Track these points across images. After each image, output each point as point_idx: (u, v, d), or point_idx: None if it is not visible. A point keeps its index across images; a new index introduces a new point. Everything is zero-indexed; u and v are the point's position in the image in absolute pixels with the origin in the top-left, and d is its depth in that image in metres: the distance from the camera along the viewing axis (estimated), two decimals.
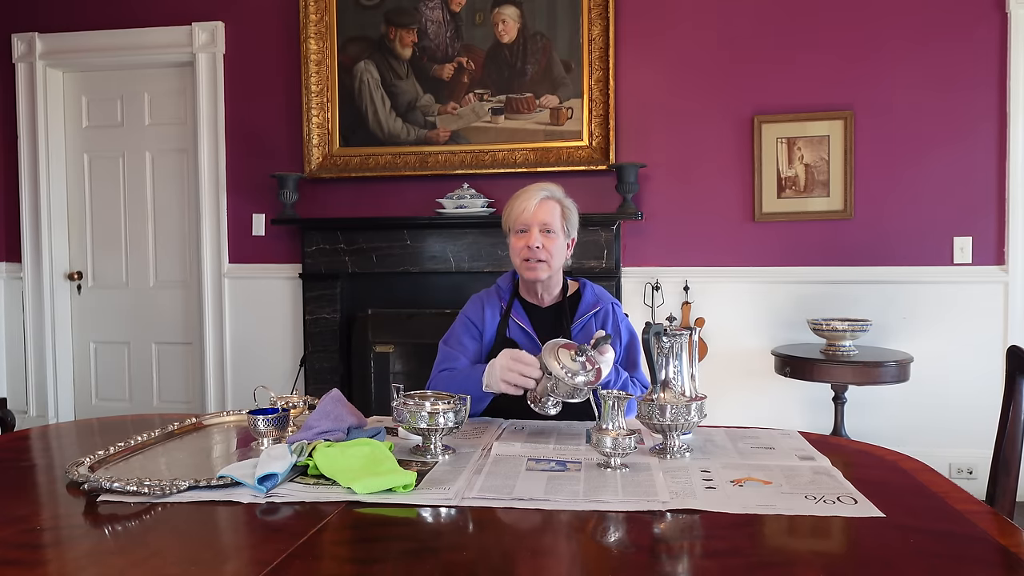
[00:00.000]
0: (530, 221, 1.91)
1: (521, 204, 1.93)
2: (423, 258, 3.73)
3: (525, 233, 1.91)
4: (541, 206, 1.92)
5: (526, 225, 1.91)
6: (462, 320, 2.00)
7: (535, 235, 1.90)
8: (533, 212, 1.91)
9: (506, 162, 3.69)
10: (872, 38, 3.45)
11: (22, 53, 4.12)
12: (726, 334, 3.59)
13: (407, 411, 1.48)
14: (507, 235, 1.99)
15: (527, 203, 1.92)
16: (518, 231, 1.93)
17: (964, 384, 3.40)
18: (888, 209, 3.46)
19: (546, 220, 1.91)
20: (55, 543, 1.11)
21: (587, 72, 3.61)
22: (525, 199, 1.93)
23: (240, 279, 4.01)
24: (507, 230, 1.99)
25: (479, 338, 1.97)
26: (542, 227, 1.91)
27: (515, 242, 1.94)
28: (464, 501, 1.23)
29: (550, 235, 1.91)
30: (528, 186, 1.98)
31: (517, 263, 1.95)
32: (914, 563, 1.01)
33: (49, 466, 1.54)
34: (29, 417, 4.19)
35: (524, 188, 1.98)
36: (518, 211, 1.93)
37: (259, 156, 3.95)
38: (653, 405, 1.48)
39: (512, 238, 1.95)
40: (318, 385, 3.78)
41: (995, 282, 3.38)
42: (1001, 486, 1.59)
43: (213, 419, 1.81)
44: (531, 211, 1.91)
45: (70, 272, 4.27)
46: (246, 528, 1.16)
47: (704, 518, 1.16)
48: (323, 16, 3.81)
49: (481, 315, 1.98)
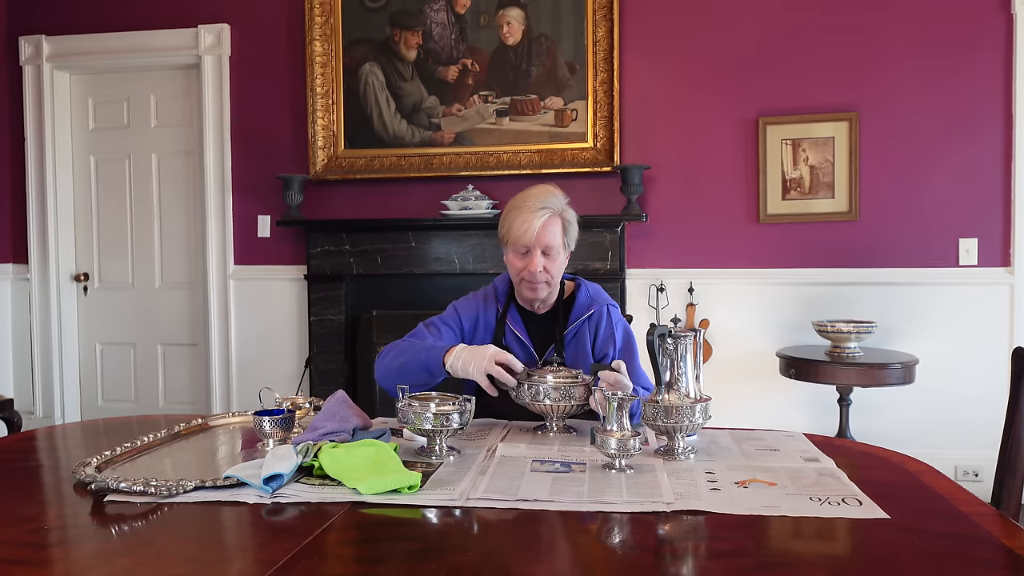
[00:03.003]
0: (532, 243, 1.80)
1: (523, 223, 1.80)
2: (428, 260, 3.73)
3: (527, 256, 1.82)
4: (544, 227, 1.80)
5: (527, 247, 1.81)
6: (452, 314, 1.95)
7: (537, 260, 1.81)
8: (536, 235, 1.79)
9: (511, 164, 3.70)
10: (877, 39, 3.44)
11: (29, 55, 4.14)
12: (731, 336, 3.59)
13: (412, 412, 1.49)
14: (503, 245, 1.89)
15: (529, 223, 1.79)
16: (518, 251, 1.83)
17: (969, 386, 3.39)
18: (893, 211, 3.46)
19: (549, 243, 1.81)
20: (62, 543, 1.11)
21: (592, 74, 3.61)
22: (527, 217, 1.80)
23: (245, 281, 4.02)
24: (504, 241, 1.87)
25: (459, 338, 1.91)
26: (544, 249, 1.81)
27: (514, 261, 1.85)
28: (469, 502, 1.23)
29: (551, 256, 1.83)
30: (528, 195, 1.85)
31: (516, 281, 1.88)
32: (919, 565, 1.01)
33: (56, 466, 1.54)
34: (36, 418, 4.21)
35: (524, 197, 1.85)
36: (519, 230, 1.80)
37: (264, 158, 3.96)
38: (658, 407, 1.48)
39: (511, 255, 1.86)
40: (323, 386, 3.79)
41: (1001, 284, 3.37)
42: (1007, 488, 1.59)
43: (219, 420, 1.81)
44: (534, 233, 1.79)
45: (76, 273, 4.29)
46: (252, 528, 1.17)
47: (709, 519, 1.16)
48: (328, 18, 3.82)
49: (474, 319, 1.94)
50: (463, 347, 1.71)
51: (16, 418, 3.03)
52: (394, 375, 1.76)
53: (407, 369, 1.76)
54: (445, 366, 1.70)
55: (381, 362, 1.85)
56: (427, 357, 1.73)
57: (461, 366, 1.68)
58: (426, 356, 1.74)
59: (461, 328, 1.94)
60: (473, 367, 1.66)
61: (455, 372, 1.70)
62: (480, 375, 1.65)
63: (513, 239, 1.83)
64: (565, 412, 1.69)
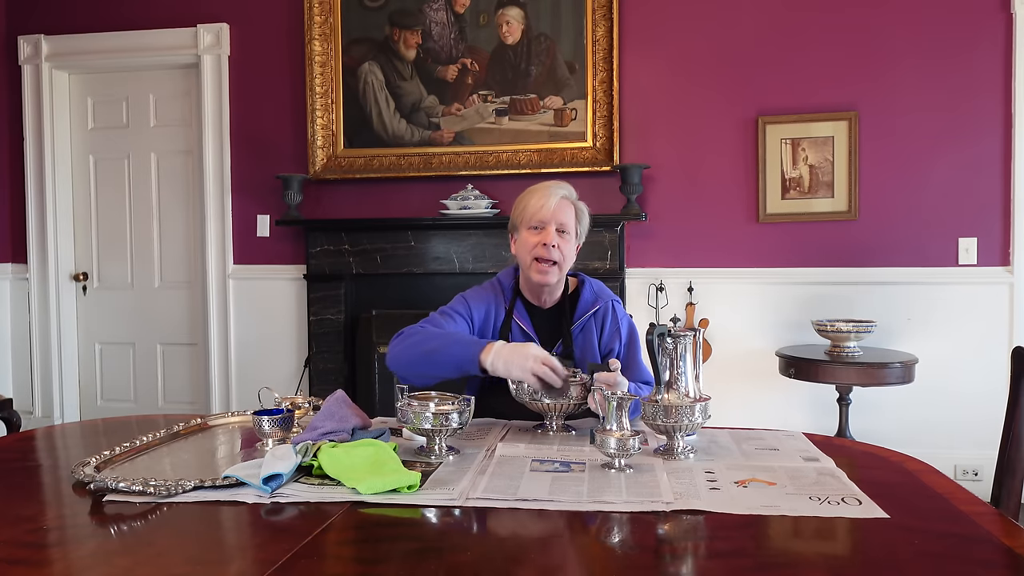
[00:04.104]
0: (548, 218, 1.83)
1: (539, 200, 1.85)
2: (427, 259, 3.73)
3: (541, 231, 1.84)
4: (560, 205, 1.85)
5: (543, 222, 1.84)
6: (463, 305, 1.93)
7: (551, 233, 1.83)
8: (552, 210, 1.84)
9: (510, 163, 3.70)
10: (877, 38, 3.44)
11: (28, 55, 4.14)
12: (730, 335, 3.59)
13: (411, 412, 1.49)
14: (514, 231, 1.91)
15: (546, 200, 1.84)
16: (532, 227, 1.85)
17: (969, 386, 3.39)
18: (893, 210, 3.46)
19: (563, 220, 1.85)
20: (61, 543, 1.11)
21: (591, 73, 3.61)
22: (544, 195, 1.86)
23: (245, 280, 4.02)
24: (516, 224, 1.90)
25: (470, 331, 1.91)
26: (559, 226, 1.84)
27: (528, 237, 1.86)
28: (468, 502, 1.23)
29: (565, 236, 1.85)
30: (544, 182, 1.91)
31: (527, 261, 1.87)
32: (919, 564, 1.01)
33: (55, 466, 1.54)
34: (35, 418, 4.20)
35: (539, 184, 1.91)
36: (535, 206, 1.85)
37: (264, 157, 3.96)
38: (657, 406, 1.48)
39: (524, 232, 1.87)
40: (322, 386, 3.79)
41: (1000, 283, 3.37)
42: (1006, 487, 1.59)
43: (218, 420, 1.81)
44: (550, 208, 1.84)
45: (76, 273, 4.29)
46: (251, 528, 1.17)
47: (708, 519, 1.16)
48: (327, 18, 3.82)
49: (484, 312, 1.93)
50: (502, 345, 1.66)
51: (15, 418, 3.02)
52: (417, 362, 1.73)
53: (434, 359, 1.71)
54: (482, 364, 1.66)
55: (398, 346, 1.79)
56: (460, 352, 1.68)
57: (503, 366, 1.63)
58: (459, 351, 1.69)
59: (472, 320, 1.92)
60: (516, 367, 1.62)
61: (495, 371, 1.64)
62: (526, 375, 1.61)
63: (529, 215, 1.86)
64: (564, 411, 1.69)
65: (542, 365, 1.61)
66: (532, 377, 1.61)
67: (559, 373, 1.63)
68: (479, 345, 1.67)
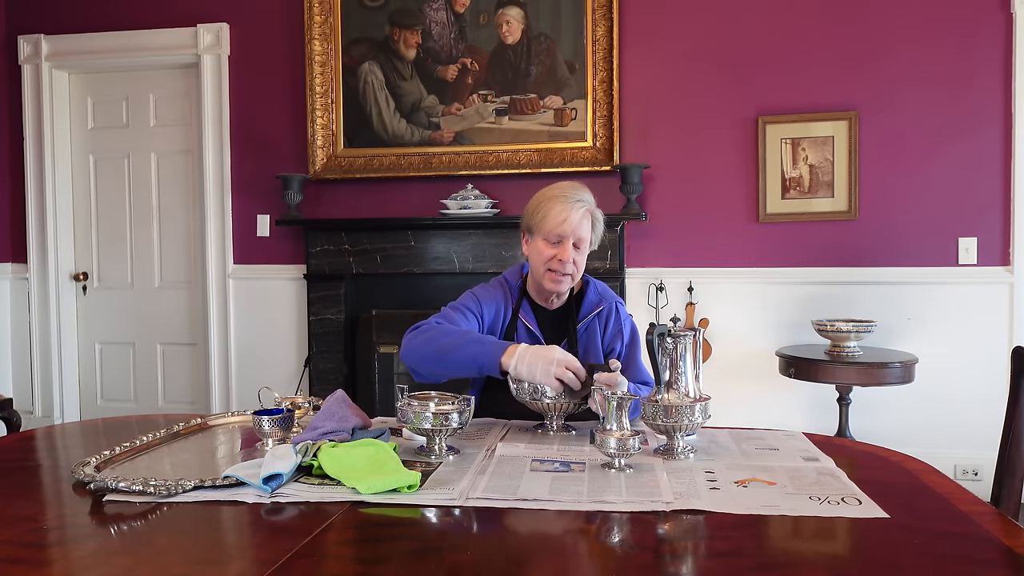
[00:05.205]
0: (567, 234, 1.81)
1: (560, 212, 1.81)
2: (427, 259, 3.73)
3: (558, 245, 1.82)
4: (582, 219, 1.83)
5: (562, 237, 1.81)
6: (473, 302, 1.92)
7: (569, 250, 1.81)
8: (574, 226, 1.81)
9: (510, 163, 3.70)
10: (877, 38, 3.44)
11: (28, 55, 4.14)
12: (730, 335, 3.59)
13: (411, 412, 1.49)
14: (528, 232, 1.89)
15: (569, 213, 1.81)
16: (551, 240, 1.83)
17: (969, 385, 3.39)
18: (893, 210, 3.46)
19: (582, 236, 1.83)
20: (61, 542, 1.11)
21: (591, 73, 3.61)
22: (566, 207, 1.81)
23: (245, 280, 4.02)
24: (532, 228, 1.87)
25: (480, 329, 1.90)
26: (576, 241, 1.83)
27: (544, 249, 1.83)
28: (468, 501, 1.23)
29: (580, 250, 1.85)
30: (563, 186, 1.87)
31: (540, 270, 1.86)
32: (918, 564, 1.01)
33: (55, 466, 1.54)
34: (35, 417, 4.20)
35: (559, 188, 1.87)
36: (556, 219, 1.81)
37: (264, 157, 3.96)
38: (657, 406, 1.48)
39: (539, 242, 1.85)
40: (322, 386, 3.79)
41: (1000, 283, 3.37)
42: (1006, 487, 1.59)
43: (218, 420, 1.81)
44: (572, 224, 1.81)
45: (75, 273, 4.29)
46: (251, 528, 1.17)
47: (708, 519, 1.16)
48: (327, 17, 3.82)
49: (494, 311, 1.92)
50: (525, 347, 1.64)
51: (15, 418, 3.02)
52: (432, 359, 1.73)
53: (451, 358, 1.70)
54: (503, 366, 1.64)
55: (413, 340, 1.77)
56: (480, 352, 1.67)
57: (526, 370, 1.62)
58: (479, 351, 1.68)
59: (482, 318, 1.91)
60: (540, 371, 1.61)
61: (517, 374, 1.63)
62: (549, 379, 1.61)
63: (548, 228, 1.83)
64: (564, 411, 1.69)
65: (566, 370, 1.60)
66: (555, 381, 1.61)
67: (580, 377, 1.62)
68: (501, 347, 1.66)
